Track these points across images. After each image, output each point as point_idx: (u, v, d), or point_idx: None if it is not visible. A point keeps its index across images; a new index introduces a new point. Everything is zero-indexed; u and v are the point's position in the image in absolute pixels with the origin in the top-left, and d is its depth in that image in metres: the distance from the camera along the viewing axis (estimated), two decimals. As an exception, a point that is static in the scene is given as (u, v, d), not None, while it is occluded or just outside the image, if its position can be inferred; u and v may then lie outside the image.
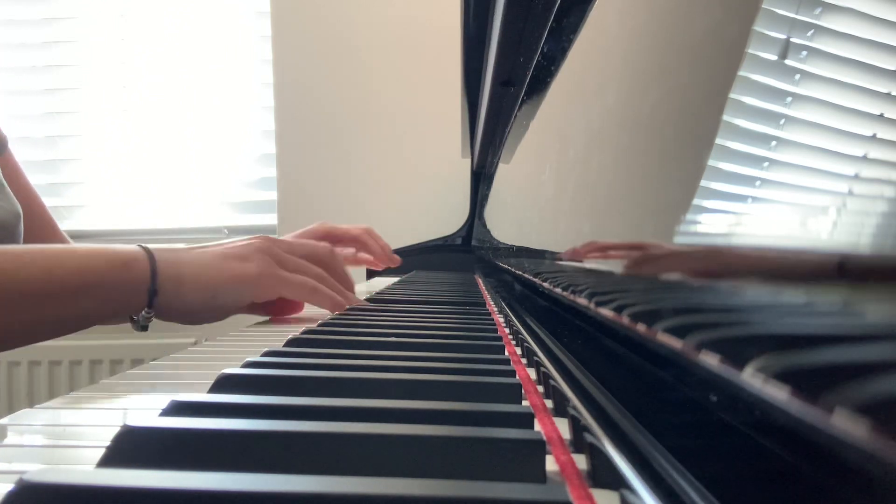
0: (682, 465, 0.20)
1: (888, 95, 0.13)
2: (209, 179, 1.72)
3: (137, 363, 1.35)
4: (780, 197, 0.17)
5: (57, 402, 0.31)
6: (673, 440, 0.21)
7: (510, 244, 0.73)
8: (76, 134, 1.73)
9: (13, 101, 1.73)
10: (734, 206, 0.19)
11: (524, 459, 0.19)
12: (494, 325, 0.52)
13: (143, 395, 0.34)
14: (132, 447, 0.19)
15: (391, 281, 1.09)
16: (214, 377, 0.29)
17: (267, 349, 0.36)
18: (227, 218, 1.70)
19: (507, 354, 0.38)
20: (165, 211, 1.72)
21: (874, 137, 0.13)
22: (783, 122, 0.17)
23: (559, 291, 0.39)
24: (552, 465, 0.22)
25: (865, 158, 0.14)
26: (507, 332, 0.52)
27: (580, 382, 0.32)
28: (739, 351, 0.16)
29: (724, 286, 0.19)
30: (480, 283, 1.03)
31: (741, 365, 0.16)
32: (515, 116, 0.79)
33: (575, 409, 0.27)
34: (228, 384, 0.28)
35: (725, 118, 0.20)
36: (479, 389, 0.28)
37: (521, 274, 0.60)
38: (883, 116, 0.13)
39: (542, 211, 0.52)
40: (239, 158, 1.71)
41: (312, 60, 1.61)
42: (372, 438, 0.20)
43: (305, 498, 0.15)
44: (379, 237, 1.09)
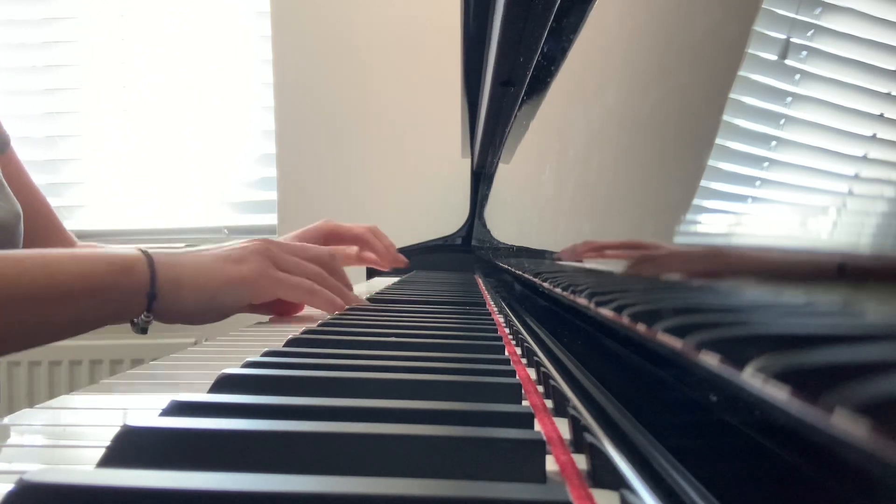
0: (682, 465, 0.20)
1: (888, 95, 0.13)
2: (209, 179, 1.72)
3: (137, 363, 1.35)
4: (780, 197, 0.17)
5: (57, 402, 0.31)
6: (673, 440, 0.21)
7: (510, 244, 0.73)
8: (76, 134, 1.74)
9: (13, 101, 1.73)
10: (734, 206, 0.19)
11: (524, 459, 0.19)
12: (494, 325, 0.52)
13: (143, 395, 0.35)
14: (132, 447, 0.19)
15: (391, 281, 1.09)
16: (214, 377, 0.29)
17: (267, 349, 0.36)
18: (227, 218, 1.70)
19: (507, 354, 0.38)
20: (165, 211, 1.72)
21: (874, 137, 0.13)
22: (783, 122, 0.17)
23: (559, 291, 0.39)
24: (552, 465, 0.22)
25: (865, 158, 0.14)
26: (507, 332, 0.52)
27: (580, 382, 0.32)
28: (739, 351, 0.16)
29: (724, 286, 0.19)
30: (480, 283, 1.03)
31: (741, 365, 0.16)
32: (515, 116, 0.79)
33: (575, 409, 0.27)
34: (228, 384, 0.28)
35: (725, 118, 0.20)
36: (479, 389, 0.28)
37: (521, 274, 0.60)
38: (883, 116, 0.13)
39: (542, 211, 0.52)
40: (239, 158, 1.71)
41: (312, 60, 1.61)
42: (372, 438, 0.20)
43: (305, 498, 0.15)
44: (384, 236, 1.08)
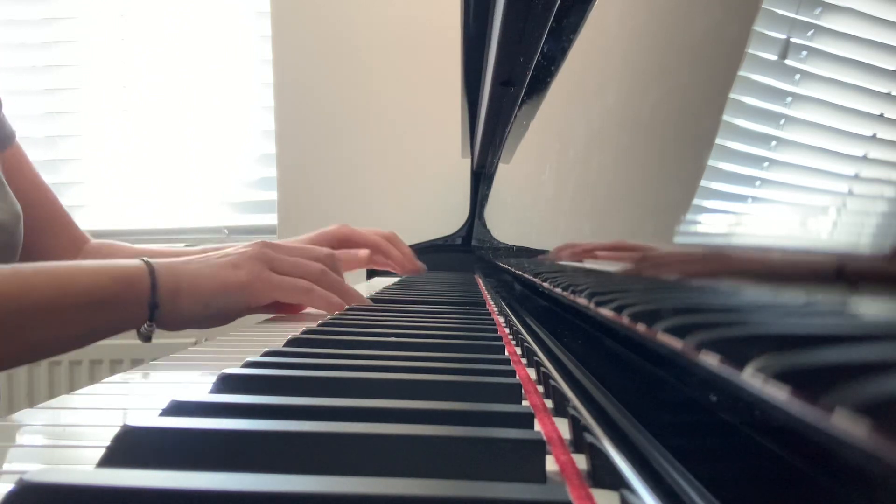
0: (682, 465, 0.20)
1: (888, 95, 0.13)
2: (209, 179, 1.72)
3: (137, 363, 1.35)
4: (780, 197, 0.17)
5: (57, 402, 0.31)
6: (673, 440, 0.21)
7: (510, 244, 0.73)
8: (76, 134, 1.74)
9: (13, 101, 1.72)
10: (734, 206, 0.19)
11: (524, 459, 0.19)
12: (494, 325, 0.52)
13: (142, 395, 0.35)
14: (132, 447, 0.19)
15: (391, 281, 1.09)
16: (214, 377, 0.29)
17: (267, 349, 0.36)
18: (227, 218, 1.70)
19: (507, 354, 0.38)
20: (165, 211, 1.72)
21: (874, 137, 0.13)
22: (783, 122, 0.17)
23: (559, 291, 0.39)
24: (552, 465, 0.22)
25: (865, 158, 0.14)
26: (507, 332, 0.52)
27: (580, 382, 0.32)
28: (739, 351, 0.16)
29: (723, 286, 0.19)
30: (480, 283, 1.03)
31: (741, 365, 0.16)
32: (515, 116, 0.79)
33: (575, 409, 0.27)
34: (228, 384, 0.28)
35: (725, 118, 0.20)
36: (479, 389, 0.28)
37: (521, 274, 0.60)
38: (883, 116, 0.13)
39: (542, 211, 0.52)
40: (239, 158, 1.71)
41: (312, 60, 1.61)
42: (372, 438, 0.20)
43: (305, 498, 0.15)
44: (401, 243, 1.04)
